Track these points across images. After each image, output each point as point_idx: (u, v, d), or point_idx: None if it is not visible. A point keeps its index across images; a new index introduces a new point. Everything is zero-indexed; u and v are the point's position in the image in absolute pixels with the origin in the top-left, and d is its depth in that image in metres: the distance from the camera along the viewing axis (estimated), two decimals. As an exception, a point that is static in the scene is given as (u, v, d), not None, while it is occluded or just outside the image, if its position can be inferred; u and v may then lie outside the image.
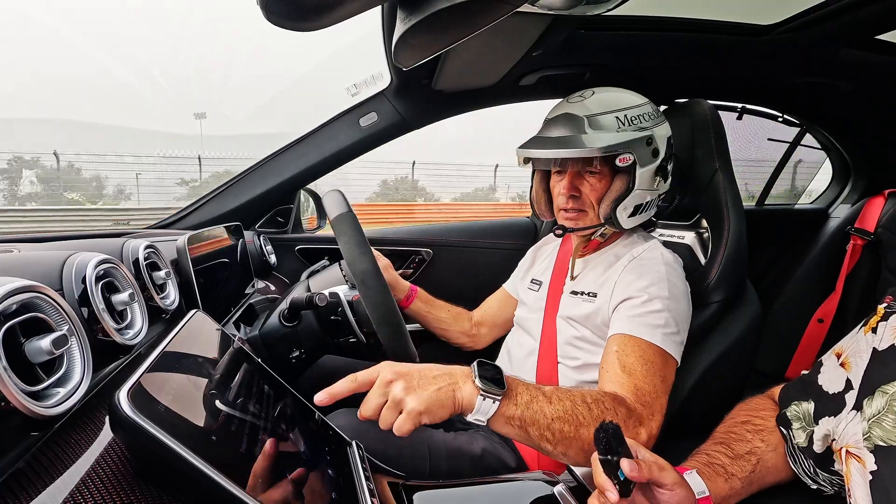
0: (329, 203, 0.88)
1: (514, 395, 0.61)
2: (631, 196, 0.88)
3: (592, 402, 0.67)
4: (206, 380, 0.49)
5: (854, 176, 1.86)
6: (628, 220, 0.90)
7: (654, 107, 0.92)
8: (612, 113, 0.87)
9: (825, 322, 1.67)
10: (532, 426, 0.61)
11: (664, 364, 0.79)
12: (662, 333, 0.80)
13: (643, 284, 0.83)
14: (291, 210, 1.56)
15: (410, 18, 0.49)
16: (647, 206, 0.91)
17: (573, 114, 0.89)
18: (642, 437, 0.70)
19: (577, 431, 0.63)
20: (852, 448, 0.51)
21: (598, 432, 0.47)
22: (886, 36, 1.09)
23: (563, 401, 0.64)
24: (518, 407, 0.60)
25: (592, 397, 0.68)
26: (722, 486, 0.58)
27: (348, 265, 0.78)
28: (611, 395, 0.72)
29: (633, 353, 0.78)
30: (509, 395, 0.60)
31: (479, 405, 0.58)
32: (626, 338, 0.80)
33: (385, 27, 0.93)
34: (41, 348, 0.41)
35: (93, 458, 0.40)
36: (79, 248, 0.62)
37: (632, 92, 0.93)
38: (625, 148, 0.85)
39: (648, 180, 0.88)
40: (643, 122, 0.88)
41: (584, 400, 0.66)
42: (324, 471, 0.57)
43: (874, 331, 0.54)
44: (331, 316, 0.94)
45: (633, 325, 0.81)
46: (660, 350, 0.79)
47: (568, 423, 0.62)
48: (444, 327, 1.15)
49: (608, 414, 0.67)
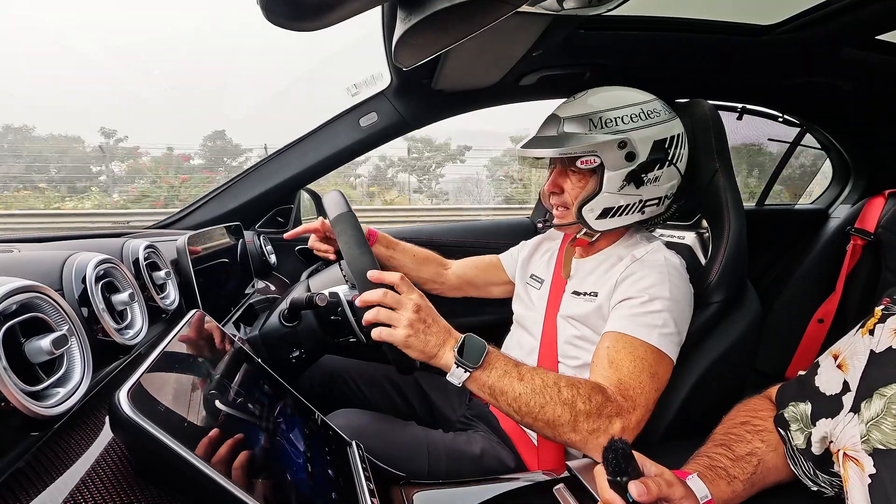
0: (329, 203, 0.88)
1: (488, 368, 0.69)
2: (597, 199, 0.87)
3: (566, 385, 0.71)
4: (206, 380, 0.49)
5: (854, 176, 1.86)
6: (597, 222, 0.89)
7: (650, 108, 0.87)
8: (589, 115, 0.87)
9: (825, 322, 1.67)
10: (500, 396, 0.69)
11: (657, 362, 0.79)
12: (659, 333, 0.79)
13: (644, 285, 0.83)
14: (291, 210, 1.56)
15: (410, 18, 0.49)
16: (622, 210, 0.89)
17: (556, 114, 0.92)
18: (615, 426, 0.71)
19: (542, 409, 0.69)
20: (850, 451, 0.50)
21: (606, 452, 0.47)
22: (887, 36, 1.09)
23: (534, 380, 0.70)
24: (489, 378, 0.69)
25: (569, 382, 0.71)
26: (724, 490, 0.58)
27: (348, 265, 0.78)
28: (592, 382, 0.74)
29: (624, 350, 0.78)
30: (484, 367, 0.69)
31: (453, 371, 0.68)
32: (620, 336, 0.80)
33: (385, 27, 0.93)
34: (41, 348, 0.41)
35: (93, 458, 0.40)
36: (79, 248, 0.62)
37: (634, 90, 0.91)
38: (588, 150, 0.84)
39: (616, 184, 0.86)
40: (621, 124, 0.85)
41: (556, 382, 0.71)
42: (324, 471, 0.57)
43: (871, 333, 0.54)
44: (331, 316, 0.94)
45: (630, 323, 0.81)
46: (654, 349, 0.79)
47: (533, 399, 0.69)
48: (407, 272, 1.12)
49: (579, 399, 0.70)
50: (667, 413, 0.86)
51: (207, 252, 0.99)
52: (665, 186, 0.90)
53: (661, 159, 0.87)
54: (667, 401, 0.87)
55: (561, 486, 0.67)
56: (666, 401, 0.87)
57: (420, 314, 0.69)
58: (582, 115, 0.88)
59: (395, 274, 0.72)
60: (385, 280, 0.71)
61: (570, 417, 0.69)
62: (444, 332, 0.70)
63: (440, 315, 0.73)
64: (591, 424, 0.70)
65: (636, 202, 0.89)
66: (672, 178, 0.91)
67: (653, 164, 0.86)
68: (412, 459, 0.86)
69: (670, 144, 0.88)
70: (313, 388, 1.08)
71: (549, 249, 1.11)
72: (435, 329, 0.70)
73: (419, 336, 0.68)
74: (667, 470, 0.53)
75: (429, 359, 0.69)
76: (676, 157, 0.89)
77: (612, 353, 0.79)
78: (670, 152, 0.88)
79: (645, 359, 0.78)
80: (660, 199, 0.91)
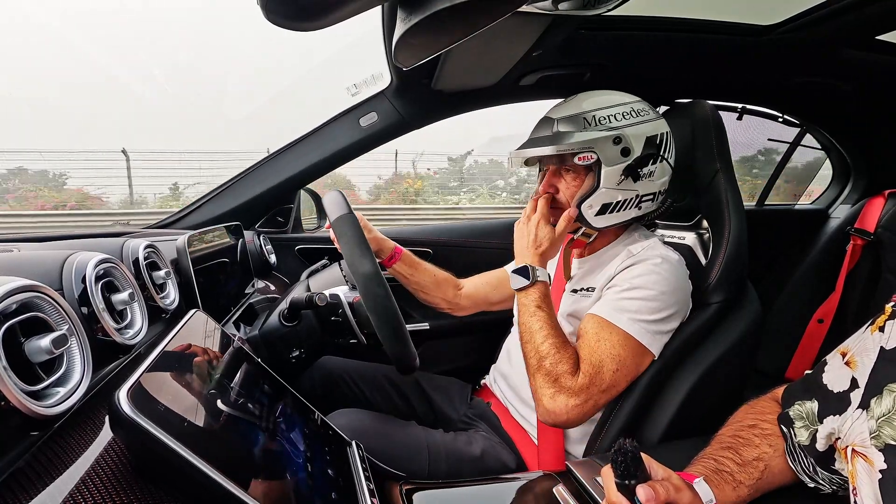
0: (329, 204, 0.88)
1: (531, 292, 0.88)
2: (596, 194, 0.88)
3: (553, 344, 0.82)
4: (206, 379, 0.49)
5: (854, 176, 1.86)
6: (596, 219, 0.90)
7: (638, 107, 0.90)
8: (581, 114, 0.89)
9: (825, 322, 1.67)
10: (522, 313, 0.88)
11: (621, 345, 0.81)
12: (629, 318, 0.82)
13: (630, 275, 0.85)
14: (291, 210, 1.56)
15: (410, 18, 0.49)
16: (620, 206, 0.90)
17: (549, 116, 0.93)
18: (559, 401, 0.78)
19: (525, 345, 0.85)
20: (858, 447, 0.50)
21: (615, 454, 0.47)
22: (887, 36, 1.09)
23: (538, 321, 0.85)
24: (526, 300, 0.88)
25: (555, 343, 0.82)
26: (729, 495, 0.58)
27: (349, 266, 0.78)
28: (573, 355, 0.82)
29: (592, 331, 0.84)
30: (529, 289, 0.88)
31: (513, 279, 0.90)
32: (591, 317, 0.85)
33: (385, 27, 0.93)
34: (41, 348, 0.41)
35: (93, 457, 0.40)
36: (79, 247, 0.62)
37: (618, 93, 0.93)
38: (584, 146, 0.85)
39: (615, 179, 0.88)
40: (613, 121, 0.88)
41: (547, 336, 0.83)
42: (324, 471, 0.57)
43: (882, 329, 0.54)
44: (331, 316, 0.94)
45: (604, 307, 0.85)
46: (620, 332, 0.81)
47: (527, 334, 0.85)
48: (425, 291, 1.16)
49: (549, 359, 0.81)
50: (667, 413, 0.86)
51: (207, 252, 0.99)
52: (658, 182, 0.92)
53: (654, 154, 0.89)
54: (667, 401, 0.87)
55: (561, 487, 0.67)
56: (666, 401, 0.87)
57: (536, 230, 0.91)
58: (575, 115, 0.89)
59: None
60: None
61: (535, 364, 0.82)
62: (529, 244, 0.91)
63: None
64: (541, 381, 0.81)
65: (633, 197, 0.90)
66: (665, 173, 0.92)
67: (647, 158, 0.88)
68: (412, 459, 0.86)
69: (660, 141, 0.90)
70: (313, 389, 1.08)
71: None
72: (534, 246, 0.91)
73: (529, 235, 0.92)
74: (674, 474, 0.53)
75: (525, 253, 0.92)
76: (667, 153, 0.92)
77: (581, 331, 0.86)
78: (661, 147, 0.91)
79: (608, 339, 0.81)
80: (654, 194, 0.92)
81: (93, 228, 1.52)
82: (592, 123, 0.88)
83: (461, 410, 1.08)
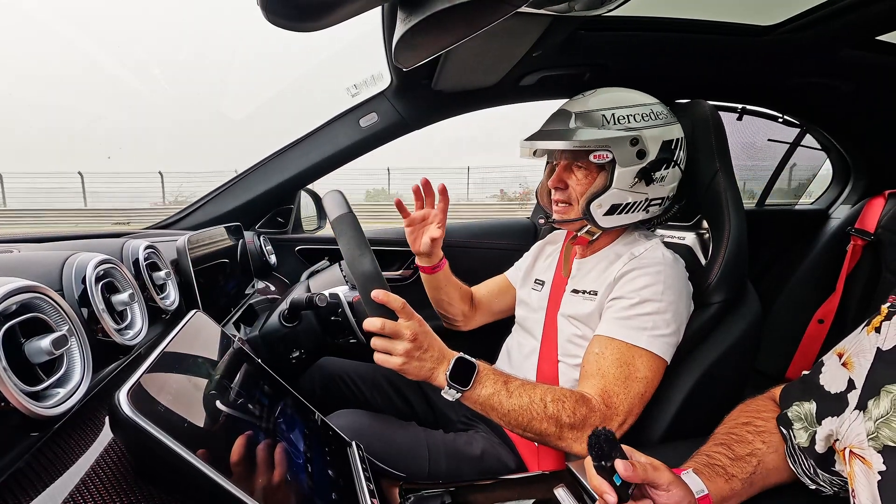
0: (329, 204, 0.88)
1: (478, 388, 0.74)
2: (607, 194, 0.87)
3: (552, 400, 0.74)
4: (206, 380, 0.49)
5: (854, 176, 1.86)
6: (604, 219, 0.90)
7: (657, 109, 0.90)
8: (600, 111, 0.88)
9: (825, 322, 1.67)
10: (491, 411, 0.74)
11: (645, 365, 0.80)
12: (649, 336, 0.80)
13: (637, 286, 0.84)
14: (291, 210, 1.56)
15: (411, 18, 0.49)
16: (629, 208, 0.89)
17: (566, 109, 0.92)
18: None
19: (530, 423, 0.74)
20: (856, 448, 0.50)
21: (591, 438, 0.48)
22: (887, 36, 1.09)
23: (521, 397, 0.74)
24: (480, 397, 0.74)
25: (554, 397, 0.75)
26: (722, 487, 0.58)
27: (348, 266, 0.78)
28: (577, 395, 0.76)
29: (612, 356, 0.80)
30: (474, 386, 0.73)
31: (445, 391, 0.74)
32: (608, 340, 0.82)
33: (385, 27, 0.93)
34: (41, 348, 0.41)
35: (93, 458, 0.40)
36: (79, 248, 0.62)
37: (639, 92, 0.92)
38: (601, 145, 0.84)
39: (628, 181, 0.87)
40: (633, 122, 0.87)
41: (543, 398, 0.74)
42: (324, 471, 0.57)
43: (878, 330, 0.54)
44: (331, 317, 0.94)
45: (618, 327, 0.82)
46: (643, 352, 0.80)
47: (522, 416, 0.73)
48: (449, 303, 1.14)
49: (564, 414, 0.74)
50: (667, 413, 0.86)
51: (207, 252, 0.99)
52: (668, 187, 0.91)
53: (667, 159, 0.88)
54: (667, 401, 0.87)
55: (561, 487, 0.67)
56: (666, 401, 0.87)
57: (416, 342, 0.72)
58: (594, 111, 0.88)
59: (398, 300, 0.73)
60: (389, 303, 0.72)
61: (555, 430, 0.74)
62: (437, 357, 0.74)
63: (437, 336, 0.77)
64: (574, 434, 0.74)
65: (643, 200, 0.90)
66: (675, 178, 0.92)
67: (661, 162, 0.88)
68: (412, 460, 0.86)
69: (675, 146, 0.90)
70: (314, 389, 1.08)
71: (552, 253, 1.11)
72: (430, 354, 0.74)
73: (413, 363, 0.73)
74: (655, 459, 0.53)
75: (424, 380, 0.75)
76: (680, 159, 0.91)
77: (600, 359, 0.81)
78: (675, 153, 0.90)
79: (632, 363, 0.79)
80: (663, 199, 0.92)
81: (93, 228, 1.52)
82: (611, 122, 0.87)
83: (461, 411, 1.08)
